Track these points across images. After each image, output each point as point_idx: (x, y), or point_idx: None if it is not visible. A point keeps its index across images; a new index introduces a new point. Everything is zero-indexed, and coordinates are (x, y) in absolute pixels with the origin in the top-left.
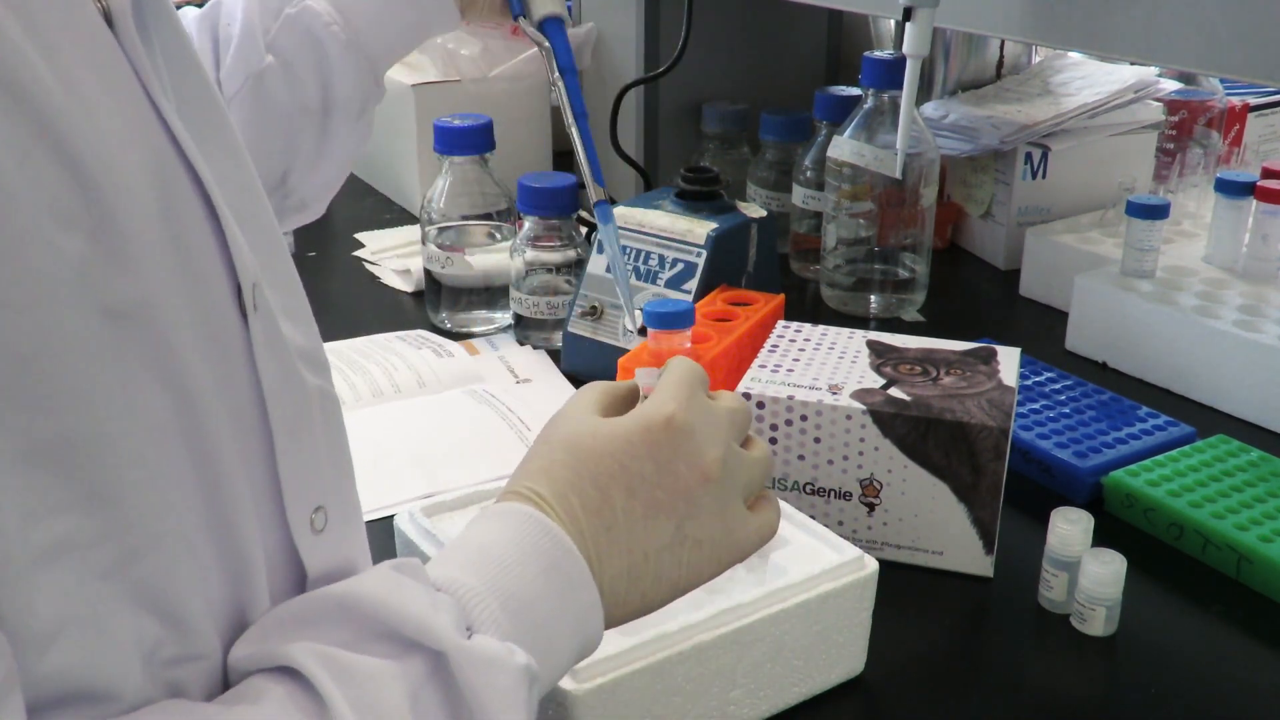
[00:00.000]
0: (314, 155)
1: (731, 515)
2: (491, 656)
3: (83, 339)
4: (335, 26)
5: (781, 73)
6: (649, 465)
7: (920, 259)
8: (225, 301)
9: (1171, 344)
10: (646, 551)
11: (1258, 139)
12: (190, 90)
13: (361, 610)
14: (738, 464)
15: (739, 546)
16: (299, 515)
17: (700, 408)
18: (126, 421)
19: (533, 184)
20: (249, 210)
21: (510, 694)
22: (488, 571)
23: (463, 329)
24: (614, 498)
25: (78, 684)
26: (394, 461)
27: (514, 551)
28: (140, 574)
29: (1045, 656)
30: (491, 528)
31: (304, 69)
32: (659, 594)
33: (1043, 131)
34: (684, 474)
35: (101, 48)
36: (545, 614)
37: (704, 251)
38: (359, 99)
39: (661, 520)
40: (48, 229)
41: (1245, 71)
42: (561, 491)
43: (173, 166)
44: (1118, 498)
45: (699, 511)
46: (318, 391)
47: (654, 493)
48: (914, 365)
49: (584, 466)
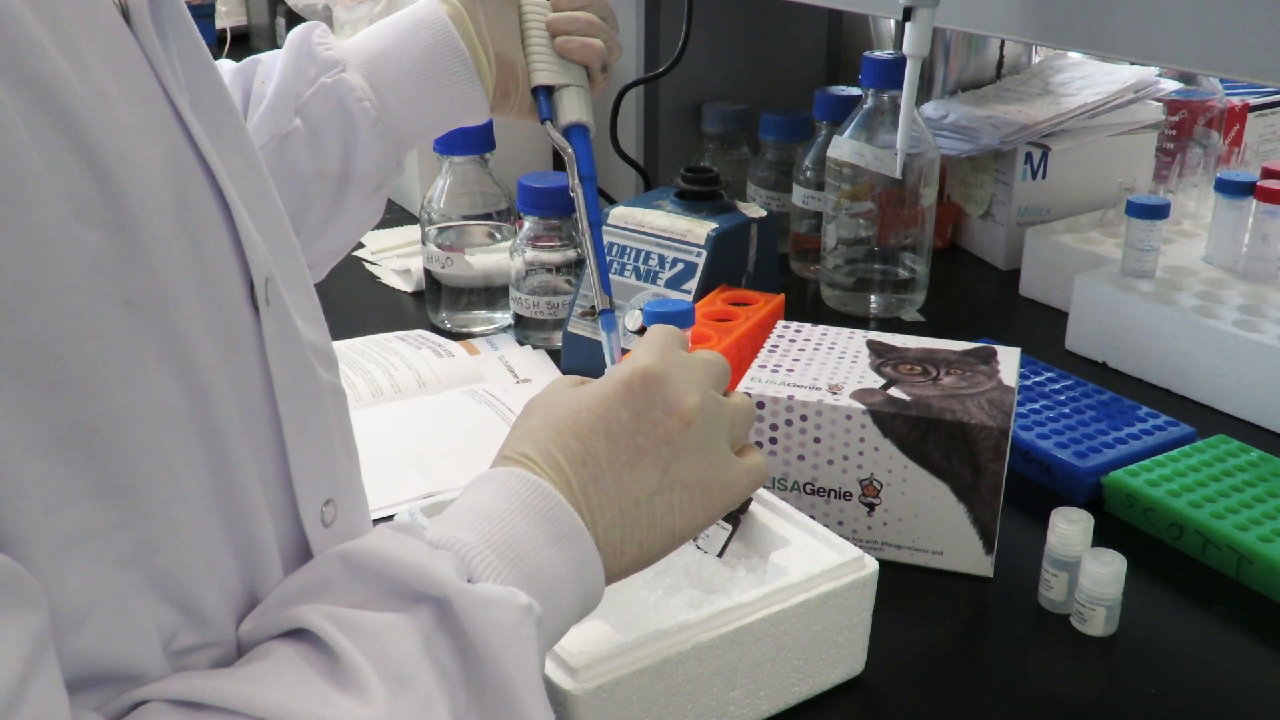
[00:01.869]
0: (323, 222)
1: (717, 457)
2: (493, 597)
3: (100, 330)
4: (368, 103)
5: (781, 73)
6: (625, 413)
7: (920, 259)
8: (238, 296)
9: (1171, 344)
10: (637, 497)
11: (1258, 139)
12: (204, 89)
13: (364, 565)
14: (717, 409)
15: (729, 488)
16: (310, 508)
17: (675, 359)
18: (142, 411)
19: (533, 184)
20: (261, 208)
21: (515, 630)
22: (483, 527)
23: (463, 329)
24: (597, 448)
25: (103, 666)
26: (394, 461)
27: (505, 507)
28: (157, 563)
29: (1045, 656)
30: (483, 491)
31: (330, 138)
32: (655, 540)
33: (1043, 131)
34: (662, 420)
35: (119, 44)
36: (542, 562)
37: (704, 251)
38: (378, 175)
39: (646, 465)
40: (67, 221)
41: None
42: (546, 449)
43: (188, 162)
44: (1118, 498)
45: (682, 454)
46: (329, 386)
47: (635, 439)
48: (914, 365)
49: (564, 424)
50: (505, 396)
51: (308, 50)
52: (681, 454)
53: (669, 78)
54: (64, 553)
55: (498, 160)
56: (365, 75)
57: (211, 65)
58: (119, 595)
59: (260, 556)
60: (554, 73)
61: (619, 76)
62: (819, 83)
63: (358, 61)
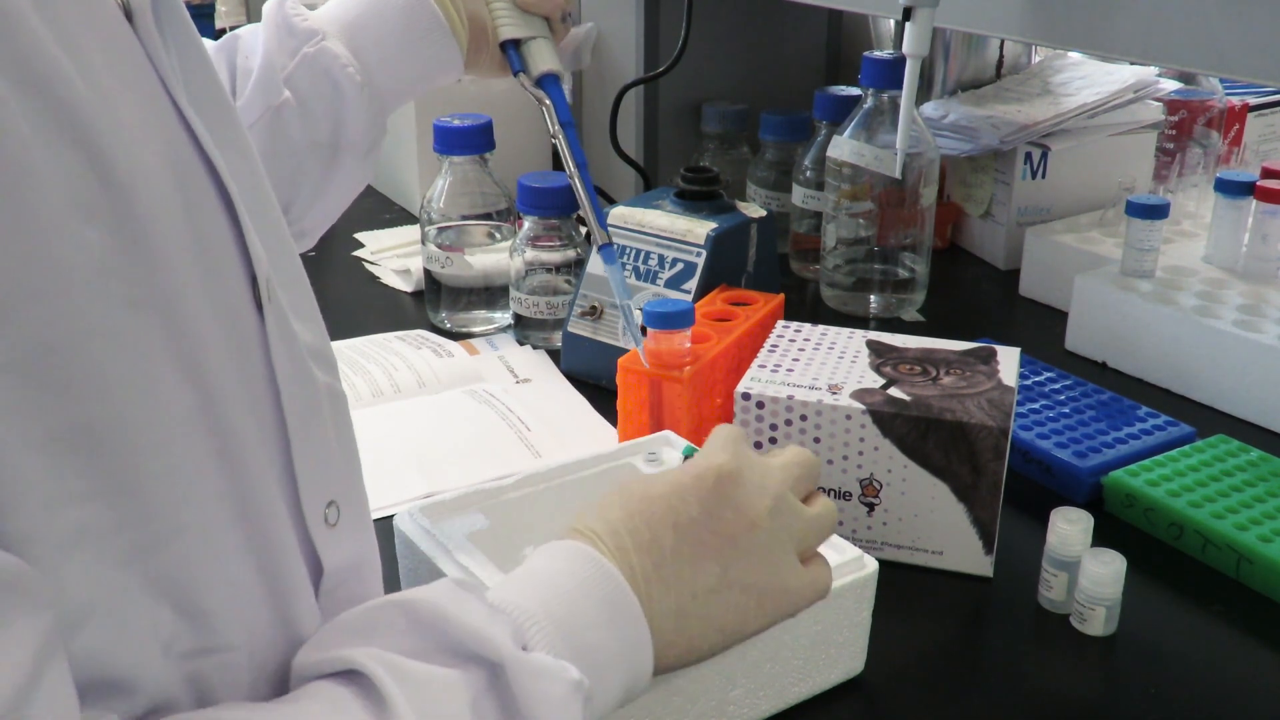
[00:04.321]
0: (317, 189)
1: (780, 564)
2: (546, 668)
3: (104, 330)
4: (352, 69)
5: (781, 73)
6: (696, 508)
7: (920, 259)
8: (241, 294)
9: (1171, 344)
10: (694, 592)
11: (1257, 139)
12: (202, 88)
13: (421, 618)
14: (790, 515)
15: (788, 596)
16: (313, 509)
17: (748, 460)
18: (148, 412)
19: (532, 184)
20: (259, 207)
21: (563, 705)
22: (542, 596)
23: (463, 329)
24: (663, 537)
25: (100, 671)
26: (394, 461)
27: (568, 581)
28: (158, 565)
29: (1045, 656)
30: (546, 561)
31: (319, 107)
32: (706, 638)
33: (1043, 131)
34: (730, 519)
35: (122, 43)
36: (597, 641)
37: (704, 251)
38: (368, 139)
39: (708, 562)
40: (70, 220)
41: (1245, 71)
42: (615, 529)
43: (190, 160)
44: (1118, 498)
45: (745, 556)
46: (326, 388)
47: (700, 534)
48: (914, 365)
49: (636, 507)
50: (505, 396)
51: (285, 22)
52: (743, 556)
53: (669, 78)
54: (65, 552)
55: (498, 160)
56: (345, 42)
57: (209, 64)
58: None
59: (275, 557)
60: (519, 26)
61: (619, 76)
62: (819, 83)
63: (335, 29)
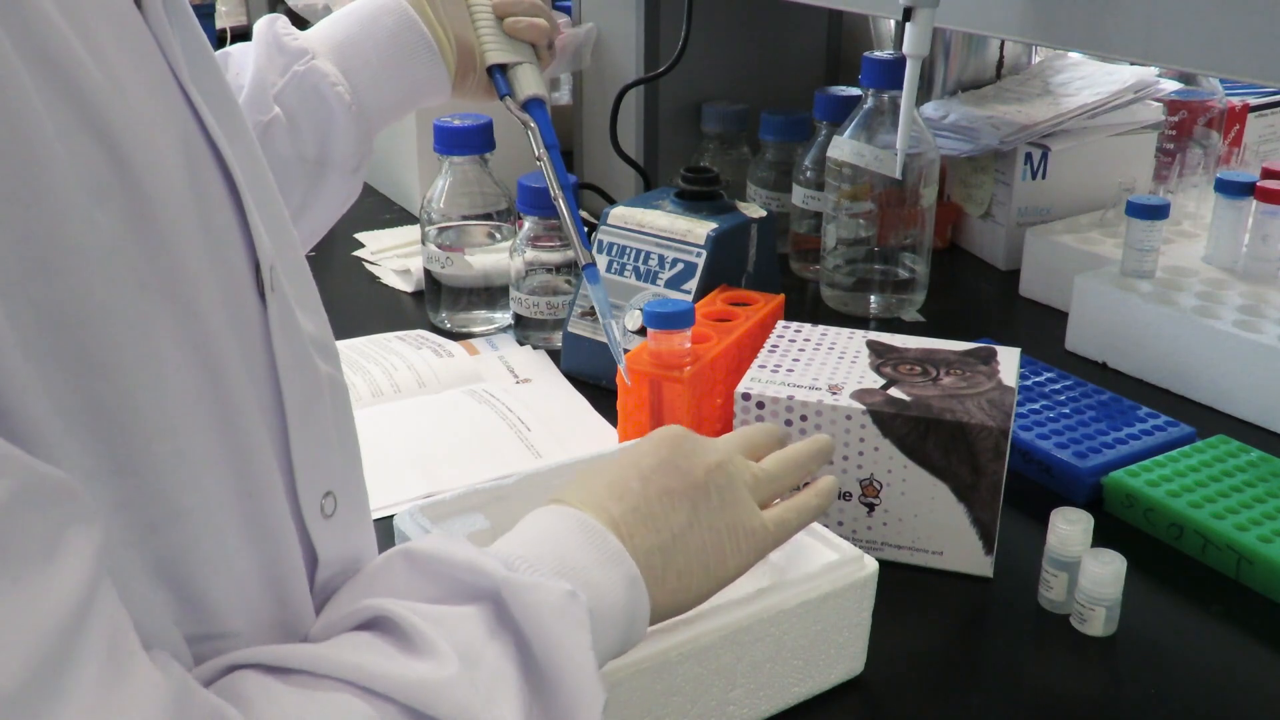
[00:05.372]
0: (304, 204)
1: (741, 507)
2: (537, 582)
3: (115, 309)
4: (341, 88)
5: (781, 73)
6: (654, 460)
7: (920, 259)
8: (246, 282)
9: (1171, 344)
10: (673, 530)
11: (1258, 139)
12: (207, 78)
13: (418, 561)
14: (740, 465)
15: (755, 536)
16: (310, 499)
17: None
18: (155, 393)
19: (533, 184)
20: (263, 196)
21: (560, 611)
22: (528, 542)
23: (463, 329)
24: (631, 484)
25: None
26: (394, 461)
27: (551, 531)
28: (159, 548)
29: (1045, 656)
30: (526, 523)
31: (307, 124)
32: (692, 575)
33: (1043, 131)
34: (687, 468)
35: (133, 30)
36: (582, 563)
37: (704, 251)
38: (355, 156)
39: (677, 501)
40: (84, 203)
41: (1245, 71)
42: (587, 490)
43: (199, 147)
44: (1118, 498)
45: (708, 498)
46: (328, 378)
47: (665, 481)
48: (914, 365)
49: (598, 472)
50: (505, 396)
51: (275, 40)
52: (706, 497)
53: (669, 78)
54: None
55: (498, 160)
56: (335, 61)
57: (212, 55)
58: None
59: (277, 543)
60: (506, 51)
61: (619, 76)
62: (819, 83)
63: (325, 49)
